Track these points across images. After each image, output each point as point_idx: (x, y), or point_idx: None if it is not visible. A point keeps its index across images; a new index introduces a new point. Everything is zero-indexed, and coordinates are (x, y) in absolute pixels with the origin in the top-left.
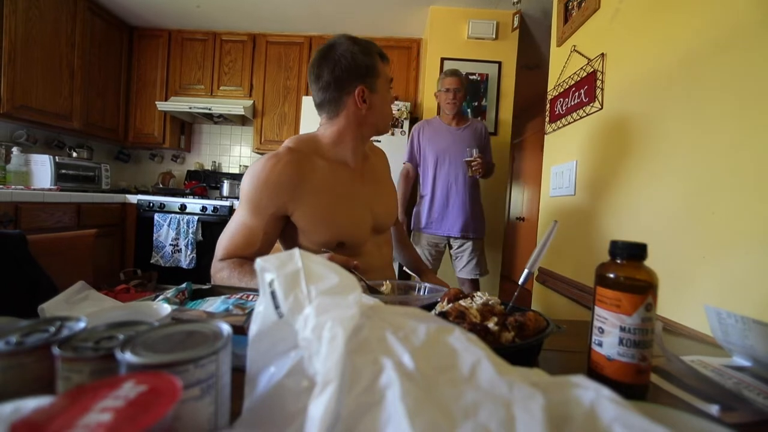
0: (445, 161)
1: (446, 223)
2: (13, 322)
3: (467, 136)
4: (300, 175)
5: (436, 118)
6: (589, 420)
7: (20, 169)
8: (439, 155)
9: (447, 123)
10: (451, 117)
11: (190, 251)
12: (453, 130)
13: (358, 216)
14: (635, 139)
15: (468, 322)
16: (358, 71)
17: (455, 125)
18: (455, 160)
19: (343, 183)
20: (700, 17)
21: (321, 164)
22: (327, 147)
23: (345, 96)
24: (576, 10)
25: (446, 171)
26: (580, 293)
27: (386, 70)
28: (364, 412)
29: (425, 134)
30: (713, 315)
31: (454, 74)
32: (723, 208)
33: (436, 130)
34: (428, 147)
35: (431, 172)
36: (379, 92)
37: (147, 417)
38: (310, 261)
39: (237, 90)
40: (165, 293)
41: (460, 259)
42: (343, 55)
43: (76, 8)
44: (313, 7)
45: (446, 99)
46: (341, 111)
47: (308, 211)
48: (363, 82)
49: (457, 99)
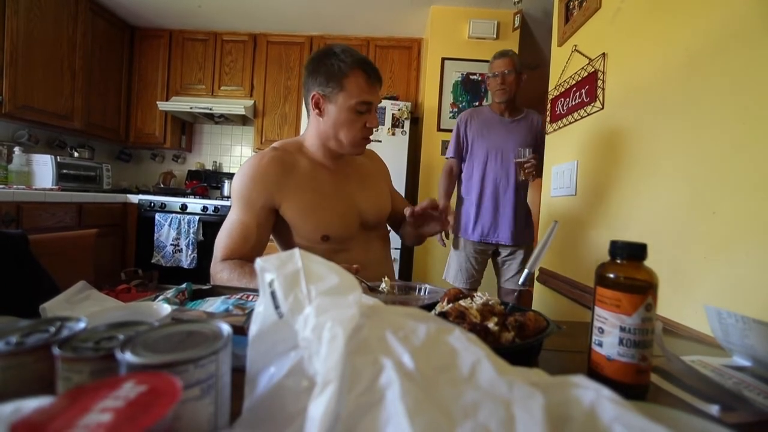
0: (497, 158)
1: (497, 229)
2: (14, 322)
3: (522, 129)
4: (284, 170)
5: (485, 108)
6: (589, 420)
7: (22, 169)
8: (490, 151)
9: (499, 113)
10: (504, 106)
11: (191, 251)
12: (506, 122)
13: (342, 211)
14: (636, 138)
15: (468, 323)
16: (319, 78)
17: (508, 116)
18: (507, 158)
19: (325, 181)
20: (701, 17)
21: (304, 162)
22: (308, 148)
23: (309, 98)
24: (577, 10)
25: (497, 169)
26: (580, 293)
27: (361, 90)
28: (364, 412)
29: (473, 126)
30: (713, 315)
31: (503, 55)
32: (724, 208)
33: (486, 121)
34: (478, 141)
35: (479, 169)
36: (339, 105)
37: (147, 417)
38: (310, 261)
39: (238, 90)
40: (165, 293)
41: (509, 268)
42: (313, 59)
43: (78, 9)
44: (314, 7)
45: (495, 85)
46: (309, 114)
47: (293, 205)
48: (321, 90)
49: (506, 84)
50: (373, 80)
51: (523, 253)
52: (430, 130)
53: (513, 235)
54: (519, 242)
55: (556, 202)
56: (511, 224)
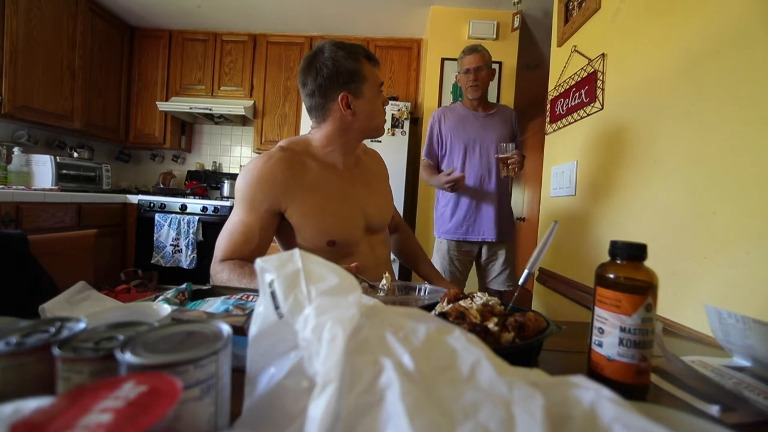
0: (474, 152)
1: (480, 226)
2: (14, 322)
3: (497, 123)
4: (291, 172)
5: (457, 104)
6: (589, 420)
7: (21, 170)
8: (468, 146)
9: (472, 109)
10: (476, 102)
11: (191, 251)
12: (480, 117)
13: (348, 216)
14: (636, 139)
15: (468, 323)
16: (341, 78)
17: (482, 111)
18: (486, 151)
19: (333, 184)
20: (700, 17)
21: (312, 164)
22: (317, 149)
23: (330, 103)
24: (577, 11)
25: (476, 164)
26: (580, 294)
27: (374, 74)
28: (364, 412)
29: (448, 122)
30: (714, 315)
31: (473, 51)
32: (724, 208)
33: (461, 117)
34: (453, 137)
35: (458, 165)
36: (366, 97)
37: (147, 417)
38: (310, 261)
39: (237, 90)
40: (165, 294)
41: (493, 268)
42: (325, 62)
43: (77, 9)
44: (314, 7)
45: (467, 81)
46: (327, 117)
47: (299, 209)
48: (347, 89)
49: (479, 80)
50: (374, 62)
51: (505, 253)
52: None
53: (497, 232)
54: (503, 239)
55: (556, 202)
56: (496, 220)
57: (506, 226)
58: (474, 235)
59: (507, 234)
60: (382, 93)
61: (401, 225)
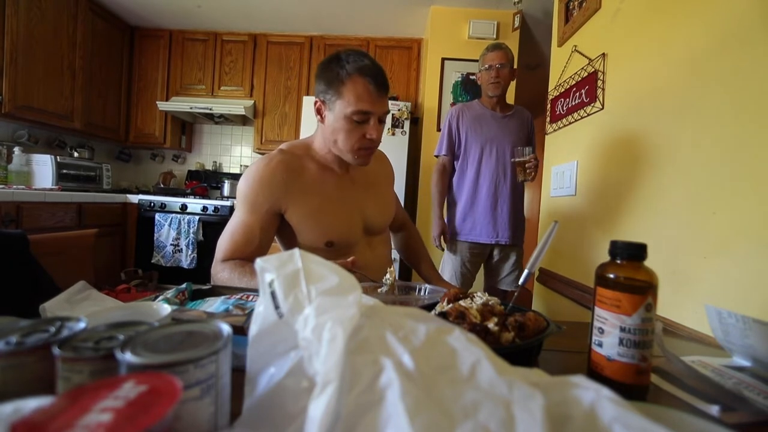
0: (492, 153)
1: (494, 228)
2: (14, 322)
3: (514, 125)
4: (291, 174)
5: (475, 102)
6: (589, 420)
7: (22, 169)
8: (485, 146)
9: (490, 108)
10: (495, 101)
11: (191, 251)
12: (498, 117)
13: (346, 217)
14: (636, 139)
15: (468, 323)
16: (320, 83)
17: (500, 111)
18: (502, 154)
19: (331, 186)
20: (700, 17)
21: (311, 166)
22: (317, 151)
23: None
24: (577, 10)
25: (493, 165)
26: (580, 293)
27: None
28: (364, 412)
29: (465, 120)
30: (714, 314)
31: (497, 48)
32: (724, 208)
33: (478, 116)
34: (471, 135)
35: (474, 166)
36: (336, 113)
37: (147, 417)
38: (310, 261)
39: (238, 90)
40: (165, 293)
41: (503, 269)
42: (321, 63)
43: (78, 8)
44: (314, 7)
45: (488, 78)
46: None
47: (298, 210)
48: (323, 96)
49: (501, 77)
50: (376, 89)
51: (515, 255)
52: (430, 131)
53: (511, 234)
54: (516, 242)
55: (556, 202)
56: (511, 223)
57: (519, 228)
58: (490, 238)
59: (520, 237)
60: (362, 125)
61: (407, 223)
